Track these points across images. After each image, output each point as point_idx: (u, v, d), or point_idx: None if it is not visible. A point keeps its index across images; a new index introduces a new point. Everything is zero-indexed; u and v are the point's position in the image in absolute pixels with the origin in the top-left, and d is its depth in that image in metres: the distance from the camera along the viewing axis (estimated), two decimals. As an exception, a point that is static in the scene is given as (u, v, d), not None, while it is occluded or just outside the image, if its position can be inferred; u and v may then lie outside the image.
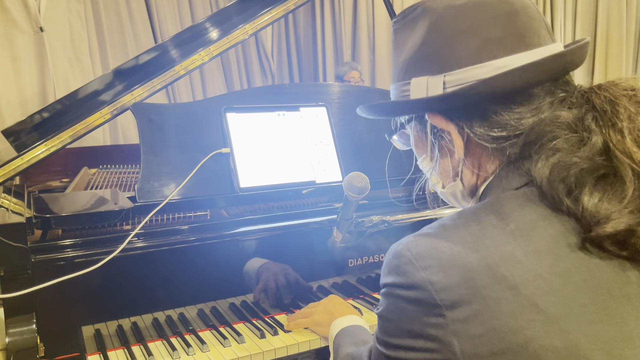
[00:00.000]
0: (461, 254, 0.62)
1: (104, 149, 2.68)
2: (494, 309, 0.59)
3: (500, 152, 0.71)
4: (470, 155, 0.74)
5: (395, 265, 0.65)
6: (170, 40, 1.60)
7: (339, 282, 1.47)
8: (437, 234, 0.65)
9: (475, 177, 0.75)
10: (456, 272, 0.61)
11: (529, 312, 0.58)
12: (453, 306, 0.60)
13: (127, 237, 1.19)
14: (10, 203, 1.34)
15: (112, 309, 1.21)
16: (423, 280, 0.62)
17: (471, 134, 0.71)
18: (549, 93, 0.69)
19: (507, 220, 0.63)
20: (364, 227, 1.37)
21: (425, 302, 0.62)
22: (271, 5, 1.67)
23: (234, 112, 1.44)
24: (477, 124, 0.71)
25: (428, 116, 0.75)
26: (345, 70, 4.01)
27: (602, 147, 0.63)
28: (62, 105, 1.48)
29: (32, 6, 3.13)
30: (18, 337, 1.07)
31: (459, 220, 0.66)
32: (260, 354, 1.20)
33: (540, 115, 0.68)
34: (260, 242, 1.36)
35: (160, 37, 3.99)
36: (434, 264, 0.62)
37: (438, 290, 0.61)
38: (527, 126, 0.68)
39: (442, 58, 0.71)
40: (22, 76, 3.17)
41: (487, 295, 0.59)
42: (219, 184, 1.39)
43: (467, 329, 0.59)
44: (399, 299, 0.65)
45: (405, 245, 0.65)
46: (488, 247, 0.62)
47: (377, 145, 1.63)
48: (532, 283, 0.59)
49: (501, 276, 0.59)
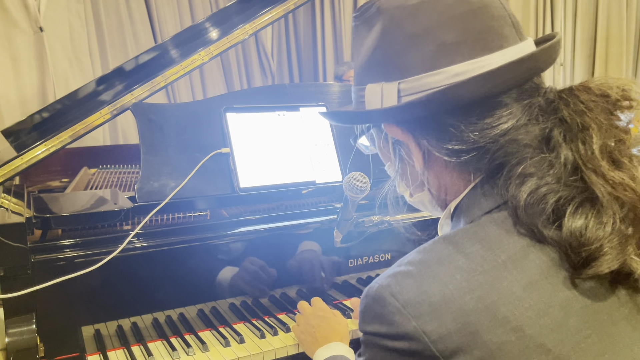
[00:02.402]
0: (454, 296, 0.55)
1: (104, 149, 2.68)
2: (497, 354, 0.54)
3: (465, 166, 0.65)
4: (432, 167, 0.69)
5: (379, 314, 0.58)
6: (170, 40, 1.60)
7: (339, 282, 1.47)
8: (422, 274, 0.58)
9: (444, 190, 0.70)
10: (452, 317, 0.55)
11: (536, 354, 0.54)
12: (452, 356, 0.54)
13: (127, 237, 1.19)
14: (10, 203, 1.34)
15: (112, 309, 1.21)
16: (416, 331, 0.55)
17: (429, 147, 0.66)
18: (514, 101, 0.63)
19: (496, 251, 0.58)
20: (364, 227, 1.36)
21: (420, 354, 0.55)
22: (271, 5, 1.67)
23: (234, 112, 1.44)
24: (433, 136, 0.65)
25: (384, 127, 0.70)
26: (344, 69, 4.01)
27: (572, 166, 0.58)
28: (62, 105, 1.48)
29: (32, 6, 3.13)
30: (18, 337, 1.06)
31: (442, 253, 0.59)
32: (260, 354, 1.19)
33: (503, 125, 0.62)
34: (260, 242, 1.35)
35: (160, 37, 3.98)
36: (425, 310, 0.55)
37: (434, 340, 0.55)
38: (489, 139, 0.62)
39: (396, 64, 0.65)
40: (21, 76, 3.16)
41: (489, 340, 0.54)
42: (219, 184, 1.39)
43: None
44: (387, 350, 0.58)
45: (388, 289, 0.58)
46: (482, 284, 0.56)
47: (377, 145, 1.63)
48: (535, 321, 0.55)
49: (502, 317, 0.54)
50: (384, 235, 1.46)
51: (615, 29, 4.47)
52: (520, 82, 0.62)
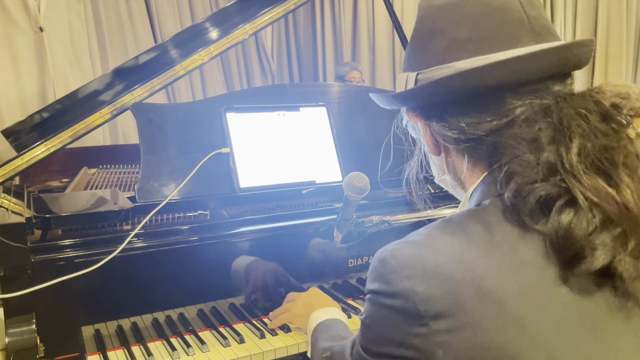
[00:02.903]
0: (446, 265, 0.60)
1: (104, 149, 2.69)
2: (478, 323, 0.58)
3: (470, 156, 0.71)
4: (446, 154, 0.76)
5: (380, 273, 0.64)
6: (170, 40, 1.60)
7: (339, 282, 1.47)
8: (423, 243, 0.64)
9: (460, 177, 0.75)
10: (440, 283, 0.59)
11: (513, 327, 0.57)
12: (437, 317, 0.59)
13: (127, 237, 1.19)
14: (10, 203, 1.34)
15: (112, 309, 1.21)
16: (406, 290, 0.61)
17: (434, 132, 0.73)
18: (515, 99, 0.66)
19: (494, 232, 0.62)
20: (364, 227, 1.36)
21: (408, 311, 0.61)
22: (271, 5, 1.67)
23: (234, 112, 1.44)
24: (436, 123, 0.72)
25: (405, 112, 0.78)
26: (347, 70, 4.01)
27: (553, 167, 0.61)
28: (61, 105, 1.48)
29: (32, 6, 3.13)
30: (18, 337, 1.06)
31: (446, 229, 0.65)
32: (260, 354, 1.19)
33: (498, 121, 0.66)
34: (260, 242, 1.35)
35: (160, 37, 3.99)
36: (417, 273, 0.61)
37: (422, 300, 0.60)
38: (483, 131, 0.67)
39: (418, 57, 0.73)
40: (22, 76, 3.17)
41: (471, 309, 0.58)
42: (219, 184, 1.39)
43: (451, 341, 0.58)
44: (382, 306, 0.64)
45: (390, 253, 0.64)
46: (474, 259, 0.60)
47: (377, 145, 1.63)
48: (517, 298, 0.58)
49: (486, 289, 0.58)
50: (384, 235, 1.46)
51: (615, 29, 4.46)
52: (515, 81, 0.65)
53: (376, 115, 1.66)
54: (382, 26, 4.72)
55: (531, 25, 0.66)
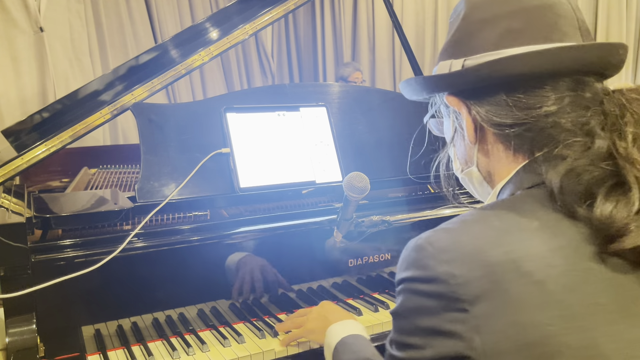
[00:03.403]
0: (484, 248, 0.61)
1: (104, 149, 2.69)
2: (517, 303, 0.58)
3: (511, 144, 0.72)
4: (483, 142, 0.76)
5: (415, 259, 0.64)
6: (170, 40, 1.60)
7: (339, 282, 1.47)
8: (459, 229, 0.64)
9: (491, 170, 0.76)
10: (479, 265, 0.60)
11: (554, 308, 0.58)
12: (475, 300, 0.59)
13: (127, 237, 1.19)
14: (10, 203, 1.34)
15: (112, 309, 1.21)
16: (445, 274, 0.61)
17: (477, 117, 0.73)
18: (564, 89, 0.68)
19: (530, 218, 0.63)
20: (364, 227, 1.37)
21: (446, 296, 0.60)
22: (271, 5, 1.67)
23: (234, 112, 1.44)
24: (482, 107, 0.72)
25: (445, 98, 0.77)
26: (350, 71, 4.01)
27: (607, 153, 0.63)
28: (62, 105, 1.48)
29: (32, 6, 3.13)
30: (18, 337, 1.06)
31: (480, 217, 0.66)
32: (260, 354, 1.20)
33: (544, 110, 0.68)
34: (260, 242, 1.36)
35: (160, 37, 3.99)
36: (456, 257, 0.61)
37: (460, 284, 0.60)
38: (532, 117, 0.69)
39: (467, 44, 0.74)
40: (22, 76, 3.17)
41: (510, 290, 0.58)
42: (219, 184, 1.39)
43: (489, 324, 0.58)
44: (417, 294, 0.63)
45: (426, 240, 0.64)
46: (512, 242, 0.61)
47: (377, 145, 1.63)
48: (557, 279, 0.59)
49: (527, 270, 0.59)
50: (384, 235, 1.46)
51: (615, 29, 4.47)
52: (565, 70, 0.68)
53: (376, 115, 1.67)
54: (382, 26, 4.73)
55: (579, 25, 0.71)
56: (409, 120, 1.71)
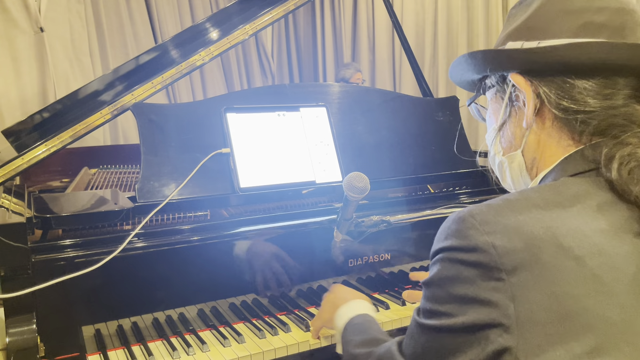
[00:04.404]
0: (527, 222, 0.63)
1: (104, 149, 2.69)
2: (555, 275, 0.60)
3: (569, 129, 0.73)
4: (539, 124, 0.77)
5: (457, 230, 0.65)
6: (170, 41, 1.60)
7: (339, 282, 1.47)
8: (502, 205, 0.66)
9: (538, 155, 0.77)
10: (520, 238, 0.61)
11: (591, 282, 0.60)
12: (513, 270, 0.60)
13: (127, 237, 1.19)
14: (10, 203, 1.34)
15: (112, 309, 1.21)
16: (486, 244, 0.62)
17: (545, 99, 0.74)
18: (629, 86, 0.70)
19: (572, 201, 0.65)
20: (364, 227, 1.37)
21: (485, 265, 0.62)
22: (271, 5, 1.68)
23: (234, 112, 1.44)
24: (551, 89, 0.73)
25: (511, 76, 0.77)
26: (352, 72, 4.01)
27: None
28: (62, 105, 1.48)
29: (32, 6, 3.13)
30: (18, 337, 1.07)
31: (523, 196, 0.67)
32: (260, 354, 1.20)
33: (613, 101, 0.70)
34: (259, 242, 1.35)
35: (160, 37, 3.99)
36: (499, 229, 0.63)
37: (500, 254, 0.61)
38: (597, 107, 0.70)
39: (543, 29, 0.75)
40: (22, 76, 3.17)
41: (549, 262, 0.60)
42: (219, 184, 1.39)
43: (526, 294, 0.60)
44: (456, 262, 0.65)
45: (469, 212, 0.66)
46: (554, 219, 0.63)
47: (377, 145, 1.63)
48: (597, 257, 0.61)
49: (567, 246, 0.61)
50: (384, 235, 1.46)
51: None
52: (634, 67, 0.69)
53: (376, 115, 1.67)
54: (382, 26, 4.73)
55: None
56: (409, 121, 1.71)
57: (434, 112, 1.77)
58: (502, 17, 3.99)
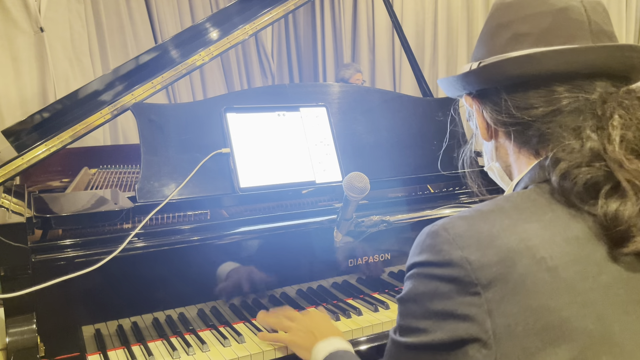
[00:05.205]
0: (500, 235, 0.62)
1: (104, 149, 2.69)
2: (531, 288, 0.59)
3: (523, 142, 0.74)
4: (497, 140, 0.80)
5: (430, 245, 0.65)
6: (170, 41, 1.60)
7: (339, 282, 1.48)
8: (475, 217, 0.66)
9: (510, 163, 0.79)
10: (494, 251, 0.61)
11: (566, 294, 0.60)
12: (489, 285, 0.60)
13: (127, 237, 1.19)
14: (10, 203, 1.34)
15: (112, 309, 1.21)
16: (460, 259, 0.62)
17: (487, 116, 0.77)
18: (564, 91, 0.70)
19: (544, 209, 0.65)
20: (364, 227, 1.37)
21: (461, 280, 0.61)
22: (271, 5, 1.68)
23: (234, 112, 1.44)
24: (488, 106, 0.76)
25: (464, 98, 0.82)
26: (351, 73, 4.02)
27: (597, 154, 0.64)
28: (62, 105, 1.48)
29: (32, 6, 3.13)
30: (18, 337, 1.07)
31: (495, 206, 0.67)
32: (260, 354, 1.20)
33: (544, 108, 0.70)
34: (260, 242, 1.36)
35: (160, 37, 3.99)
36: (472, 243, 0.62)
37: (475, 268, 0.61)
38: (529, 117, 0.71)
39: (484, 48, 0.78)
40: (22, 76, 3.17)
41: (524, 274, 0.60)
42: (219, 184, 1.39)
43: (502, 308, 0.60)
44: (431, 278, 0.64)
45: (442, 226, 0.65)
46: (527, 230, 0.63)
47: (377, 145, 1.63)
48: (570, 267, 0.61)
49: (540, 257, 0.61)
50: (384, 235, 1.46)
51: (615, 29, 4.46)
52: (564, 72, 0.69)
53: (376, 115, 1.67)
54: (381, 26, 4.73)
55: (590, 27, 0.71)
56: (409, 121, 1.71)
57: (434, 112, 1.77)
58: (502, 17, 3.99)
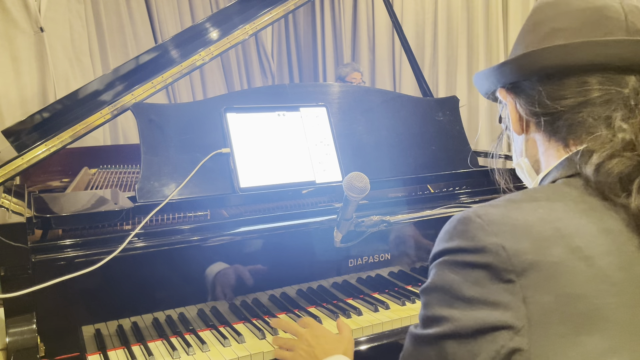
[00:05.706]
0: (535, 223, 0.62)
1: (104, 149, 2.69)
2: (566, 276, 0.59)
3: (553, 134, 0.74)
4: (527, 133, 0.80)
5: (462, 230, 0.64)
6: (170, 41, 1.60)
7: (339, 282, 1.48)
8: (508, 205, 0.65)
9: (539, 158, 0.79)
10: (529, 239, 0.61)
11: (602, 283, 0.60)
12: (524, 272, 0.60)
13: (127, 237, 1.19)
14: (10, 203, 1.34)
15: (112, 308, 1.21)
16: (495, 245, 0.61)
17: (520, 108, 0.77)
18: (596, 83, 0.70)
19: (577, 201, 0.65)
20: (364, 227, 1.37)
21: (495, 267, 0.61)
22: (271, 5, 1.68)
23: (234, 112, 1.44)
24: (522, 98, 0.77)
25: (498, 91, 0.82)
26: (348, 71, 4.02)
27: (630, 144, 0.65)
28: (62, 105, 1.48)
29: (32, 6, 3.13)
30: (18, 337, 1.07)
31: (527, 196, 0.67)
32: (260, 354, 1.20)
33: (576, 99, 0.70)
34: (260, 242, 1.36)
35: (160, 37, 3.99)
36: (507, 230, 0.62)
37: (510, 255, 0.60)
38: (561, 107, 0.71)
39: (522, 43, 0.79)
40: (22, 76, 3.17)
41: (559, 263, 0.60)
42: (219, 184, 1.39)
43: (538, 295, 0.59)
44: (461, 265, 0.63)
45: (474, 212, 0.64)
46: (561, 219, 0.63)
47: (377, 145, 1.63)
48: (605, 257, 0.61)
49: (575, 246, 0.61)
50: (384, 235, 1.46)
51: None
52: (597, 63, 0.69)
53: (376, 115, 1.67)
54: (382, 26, 4.73)
55: (627, 25, 0.72)
56: (409, 121, 1.71)
57: (434, 112, 1.77)
58: (502, 17, 3.99)
